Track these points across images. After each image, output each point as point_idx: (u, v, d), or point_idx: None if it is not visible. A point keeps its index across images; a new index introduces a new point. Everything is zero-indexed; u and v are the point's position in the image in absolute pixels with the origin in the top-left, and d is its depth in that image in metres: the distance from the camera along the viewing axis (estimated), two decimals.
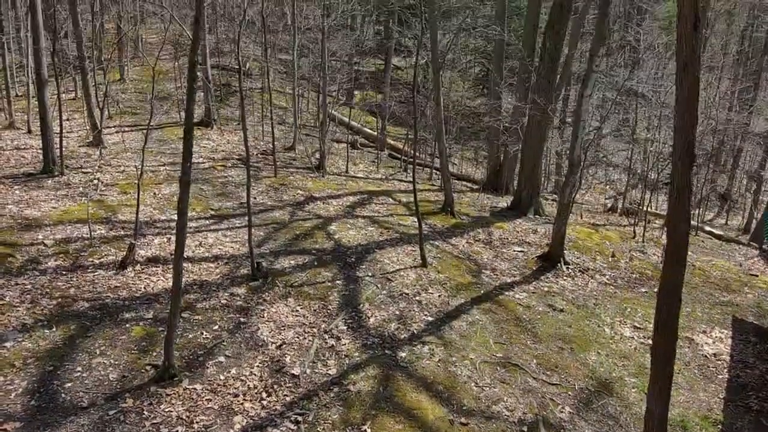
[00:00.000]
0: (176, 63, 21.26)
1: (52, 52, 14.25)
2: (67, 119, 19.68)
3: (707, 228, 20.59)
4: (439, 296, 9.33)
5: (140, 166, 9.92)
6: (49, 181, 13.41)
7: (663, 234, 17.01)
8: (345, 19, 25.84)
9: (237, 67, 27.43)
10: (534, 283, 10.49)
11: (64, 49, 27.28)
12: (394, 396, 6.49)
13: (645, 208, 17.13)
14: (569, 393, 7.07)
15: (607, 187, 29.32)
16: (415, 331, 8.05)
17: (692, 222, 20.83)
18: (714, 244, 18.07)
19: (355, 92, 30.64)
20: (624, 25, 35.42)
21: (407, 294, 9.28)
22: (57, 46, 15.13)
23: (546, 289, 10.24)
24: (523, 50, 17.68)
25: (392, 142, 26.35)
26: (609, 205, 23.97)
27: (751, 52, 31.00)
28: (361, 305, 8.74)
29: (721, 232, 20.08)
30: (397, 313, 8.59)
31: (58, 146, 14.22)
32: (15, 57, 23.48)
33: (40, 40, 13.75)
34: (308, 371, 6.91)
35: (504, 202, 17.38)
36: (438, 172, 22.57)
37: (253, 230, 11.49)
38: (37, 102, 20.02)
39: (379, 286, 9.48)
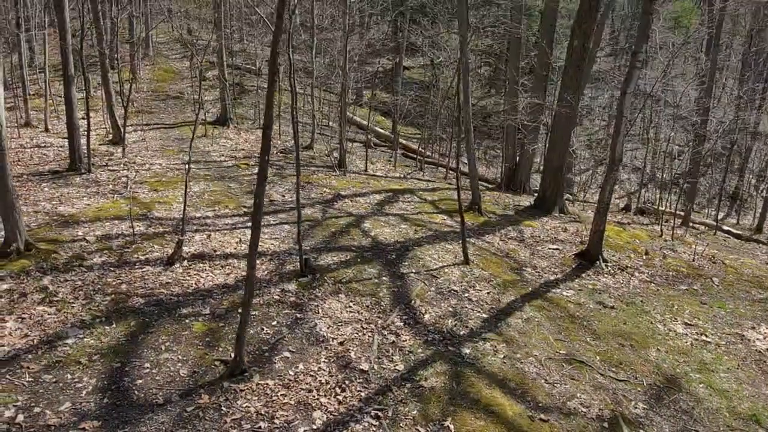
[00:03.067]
0: (192, 61, 21.06)
1: (80, 50, 14.07)
2: (83, 117, 19.55)
3: (725, 227, 20.62)
4: (488, 293, 9.24)
5: (188, 166, 9.75)
6: (78, 179, 13.27)
7: (686, 232, 17.02)
8: (360, 18, 25.75)
9: (250, 66, 27.25)
10: (577, 280, 10.42)
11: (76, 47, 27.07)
12: (469, 392, 6.39)
13: (674, 209, 17.13)
14: (638, 389, 6.99)
15: (617, 186, 29.36)
16: (473, 328, 7.96)
17: (710, 221, 20.87)
18: (735, 243, 18.08)
19: (365, 92, 30.58)
20: (631, 25, 35.53)
21: (456, 291, 9.19)
22: (74, 44, 14.93)
23: (590, 286, 10.18)
24: (546, 48, 17.64)
25: (404, 141, 26.32)
26: (623, 205, 23.99)
27: (757, 52, 31.08)
28: (413, 302, 8.64)
29: (739, 232, 20.12)
30: (450, 309, 8.50)
31: (82, 144, 14.09)
32: (26, 55, 23.24)
33: (67, 37, 13.62)
34: (375, 367, 6.80)
35: (526, 200, 17.33)
36: (453, 172, 22.56)
37: (289, 227, 11.46)
38: (51, 100, 19.88)
39: (426, 282, 9.39)
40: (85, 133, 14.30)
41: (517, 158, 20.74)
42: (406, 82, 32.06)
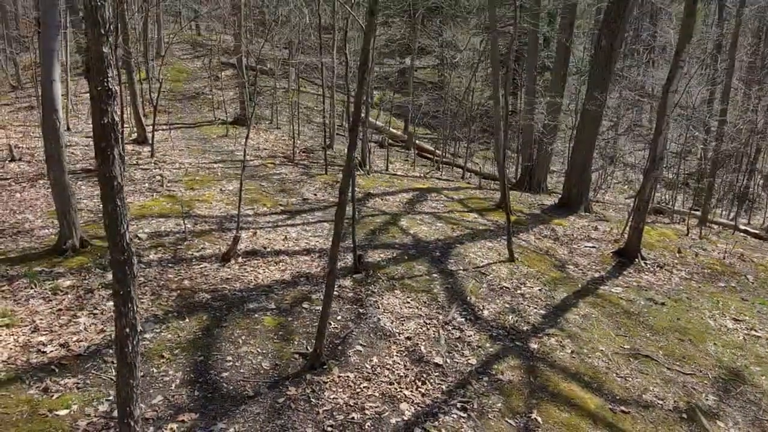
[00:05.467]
0: (211, 62, 21.08)
1: (114, 50, 14.07)
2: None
3: (742, 227, 20.78)
4: (540, 290, 9.34)
5: (243, 164, 9.79)
6: None
7: (709, 232, 17.17)
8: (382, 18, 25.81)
9: (262, 67, 27.24)
10: (620, 277, 10.53)
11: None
12: (547, 385, 6.48)
13: (690, 208, 17.23)
14: (705, 382, 7.10)
15: (626, 186, 29.58)
16: (534, 324, 8.05)
17: (726, 221, 21.03)
18: (754, 242, 18.21)
19: (375, 92, 30.62)
20: (639, 25, 35.75)
21: (508, 288, 9.28)
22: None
23: (635, 283, 10.29)
24: (568, 45, 17.77)
25: (416, 141, 26.42)
26: (634, 205, 24.05)
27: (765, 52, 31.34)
28: (468, 298, 8.72)
29: (757, 231, 20.27)
30: (507, 306, 8.59)
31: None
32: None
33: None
34: (449, 361, 6.88)
35: (547, 199, 17.46)
36: (469, 172, 22.71)
37: (329, 225, 11.53)
38: (68, 100, 19.85)
39: (476, 280, 9.47)
40: None
41: (534, 158, 20.84)
42: (416, 83, 32.14)
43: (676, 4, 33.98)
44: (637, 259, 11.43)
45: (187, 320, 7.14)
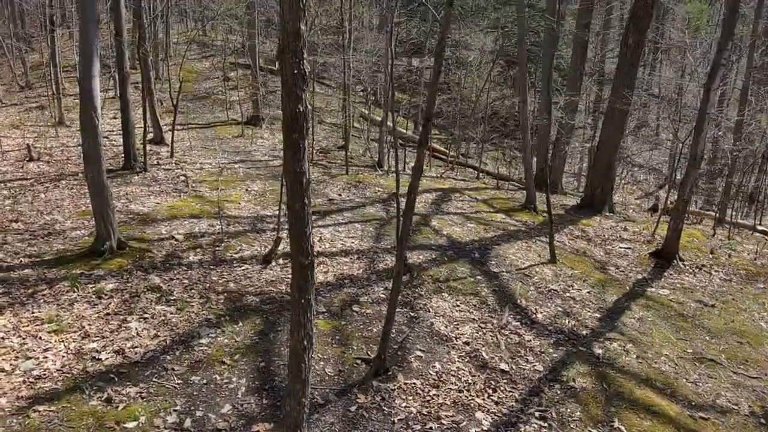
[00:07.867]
0: (223, 62, 20.78)
1: (138, 48, 13.80)
2: (114, 117, 19.27)
3: (760, 227, 20.63)
4: (589, 292, 9.13)
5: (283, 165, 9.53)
6: (136, 177, 13.02)
7: (730, 233, 17.01)
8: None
9: (272, 67, 26.95)
10: (663, 279, 10.34)
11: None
12: (622, 392, 6.27)
13: (703, 209, 17.09)
14: None
15: (634, 187, 29.44)
16: (593, 328, 7.85)
17: (743, 222, 20.89)
18: None
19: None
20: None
21: (556, 290, 9.07)
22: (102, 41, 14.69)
23: (679, 285, 10.10)
24: (585, 43, 17.58)
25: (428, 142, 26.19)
26: (650, 206, 23.96)
27: None
28: (518, 301, 8.51)
29: None
30: (560, 309, 8.37)
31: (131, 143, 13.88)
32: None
33: (123, 31, 13.35)
34: (514, 367, 6.66)
35: (568, 200, 17.29)
36: (482, 173, 22.53)
37: (360, 225, 11.32)
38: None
39: (522, 282, 9.26)
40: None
41: (549, 158, 20.63)
42: (424, 84, 31.89)
43: (681, 4, 33.90)
44: (675, 261, 11.24)
45: (240, 324, 6.90)
